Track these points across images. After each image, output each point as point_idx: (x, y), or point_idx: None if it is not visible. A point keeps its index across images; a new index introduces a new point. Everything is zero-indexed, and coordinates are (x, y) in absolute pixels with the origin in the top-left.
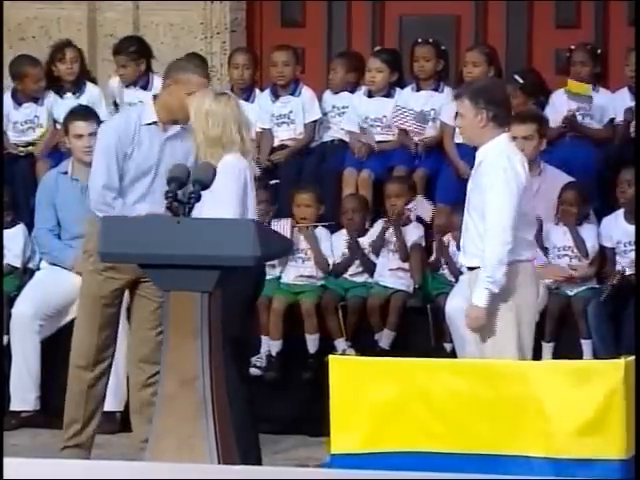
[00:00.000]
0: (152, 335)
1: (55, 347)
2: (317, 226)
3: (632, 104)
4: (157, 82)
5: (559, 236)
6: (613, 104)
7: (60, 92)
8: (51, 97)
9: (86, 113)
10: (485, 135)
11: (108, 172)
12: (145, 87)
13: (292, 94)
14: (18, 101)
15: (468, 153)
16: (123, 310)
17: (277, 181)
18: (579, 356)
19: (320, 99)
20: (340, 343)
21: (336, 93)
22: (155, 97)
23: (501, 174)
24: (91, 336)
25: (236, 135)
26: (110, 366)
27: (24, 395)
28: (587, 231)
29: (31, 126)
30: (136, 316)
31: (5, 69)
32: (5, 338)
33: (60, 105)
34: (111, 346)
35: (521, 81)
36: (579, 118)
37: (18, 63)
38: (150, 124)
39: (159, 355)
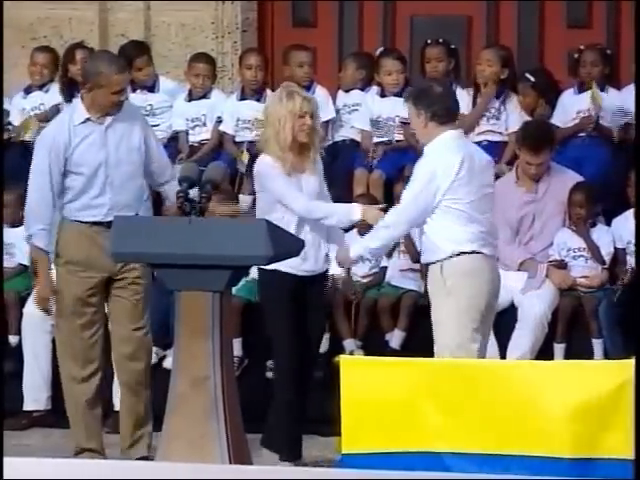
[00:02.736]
0: (133, 334)
1: None
2: None
3: None
4: (164, 82)
5: (573, 237)
6: (623, 102)
7: (76, 93)
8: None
9: None
10: (429, 134)
11: (41, 191)
12: (152, 89)
13: None
14: (27, 90)
15: (487, 149)
16: None
17: None
18: (591, 357)
19: (333, 99)
20: (349, 343)
21: (347, 91)
22: (82, 97)
23: (419, 176)
24: (76, 340)
25: None
26: (99, 369)
27: (36, 395)
28: (602, 236)
29: (37, 113)
30: (113, 316)
31: (12, 69)
32: (16, 338)
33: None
34: (97, 348)
35: (532, 79)
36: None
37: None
38: (84, 122)
39: (143, 353)
